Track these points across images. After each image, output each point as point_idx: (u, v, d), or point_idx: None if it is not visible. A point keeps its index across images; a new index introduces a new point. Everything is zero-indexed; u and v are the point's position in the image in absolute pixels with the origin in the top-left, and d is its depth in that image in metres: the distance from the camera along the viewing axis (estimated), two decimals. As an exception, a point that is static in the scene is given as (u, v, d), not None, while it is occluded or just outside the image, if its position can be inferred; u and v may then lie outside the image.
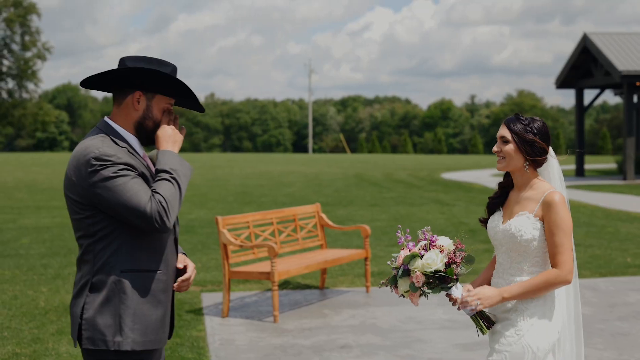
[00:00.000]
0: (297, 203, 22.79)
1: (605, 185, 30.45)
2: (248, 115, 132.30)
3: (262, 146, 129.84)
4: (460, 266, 4.03)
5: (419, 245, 4.08)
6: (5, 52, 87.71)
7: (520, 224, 4.09)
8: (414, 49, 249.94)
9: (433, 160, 65.44)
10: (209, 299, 9.94)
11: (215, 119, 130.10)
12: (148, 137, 3.86)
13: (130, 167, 3.63)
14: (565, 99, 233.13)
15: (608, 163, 56.21)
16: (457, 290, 4.05)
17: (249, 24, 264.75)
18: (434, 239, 4.10)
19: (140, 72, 3.73)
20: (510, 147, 4.17)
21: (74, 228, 3.74)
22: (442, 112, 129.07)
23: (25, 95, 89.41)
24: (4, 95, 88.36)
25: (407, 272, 4.06)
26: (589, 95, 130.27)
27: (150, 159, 3.96)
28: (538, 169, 4.24)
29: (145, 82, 3.78)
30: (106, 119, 3.85)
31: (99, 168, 3.57)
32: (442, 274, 4.00)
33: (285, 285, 10.86)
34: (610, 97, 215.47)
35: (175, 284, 3.90)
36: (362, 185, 31.70)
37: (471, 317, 4.11)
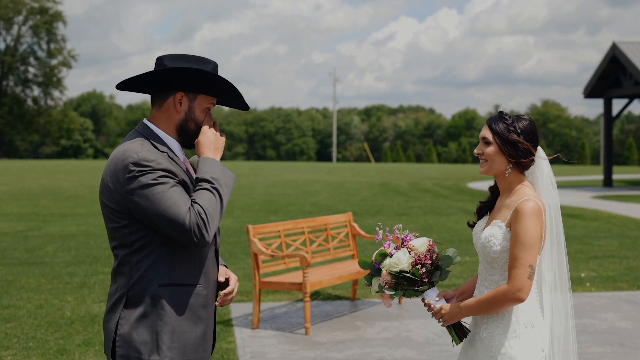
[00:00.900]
0: (324, 212, 22.57)
1: (635, 196, 30.00)
2: (272, 124, 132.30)
3: (286, 155, 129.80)
4: (438, 269, 3.87)
5: (393, 246, 3.93)
6: (31, 59, 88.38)
7: (492, 234, 3.78)
8: (438, 59, 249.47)
9: (458, 170, 65.01)
10: (238, 309, 9.71)
11: (239, 127, 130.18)
12: (190, 141, 3.63)
13: (170, 173, 3.41)
14: (590, 109, 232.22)
15: (636, 174, 55.57)
16: (431, 296, 3.89)
17: (273, 33, 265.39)
18: (407, 238, 3.92)
19: (182, 72, 3.50)
20: (492, 149, 3.84)
21: (110, 237, 3.52)
22: (467, 121, 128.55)
23: (50, 102, 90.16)
24: (30, 102, 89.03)
25: (378, 272, 3.94)
26: (616, 105, 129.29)
27: (191, 165, 3.73)
28: (526, 172, 3.90)
29: (186, 82, 3.54)
30: (146, 121, 3.62)
31: (137, 174, 3.34)
32: (407, 274, 3.82)
33: (315, 296, 10.62)
34: (637, 108, 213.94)
35: (217, 299, 3.66)
36: (388, 195, 31.42)
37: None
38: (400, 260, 3.83)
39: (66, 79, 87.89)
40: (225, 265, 3.85)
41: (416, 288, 3.87)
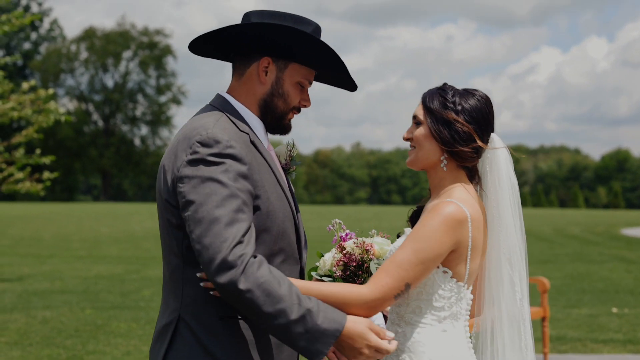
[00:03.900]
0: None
1: None
2: (398, 167, 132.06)
3: (412, 200, 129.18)
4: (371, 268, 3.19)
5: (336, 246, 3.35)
6: (139, 96, 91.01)
7: (398, 247, 3.03)
8: (585, 93, 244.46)
9: (610, 215, 62.90)
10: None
11: (361, 170, 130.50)
12: (276, 123, 3.05)
13: (239, 161, 2.79)
14: None
15: None
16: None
17: (400, 67, 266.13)
18: (346, 236, 3.34)
19: (270, 30, 2.92)
20: (421, 131, 3.08)
21: (162, 242, 2.95)
22: (618, 163, 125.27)
23: (158, 142, 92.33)
24: (137, 142, 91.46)
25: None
26: None
27: (278, 157, 3.17)
28: (468, 167, 3.11)
29: (276, 44, 2.97)
30: (223, 93, 3.07)
31: (198, 162, 2.75)
32: (329, 279, 3.22)
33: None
34: None
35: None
36: (529, 241, 30.09)
37: None
38: (325, 262, 3.29)
39: (176, 117, 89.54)
40: None
41: None
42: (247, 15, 3.04)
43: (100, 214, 49.25)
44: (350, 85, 3.24)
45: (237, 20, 3.13)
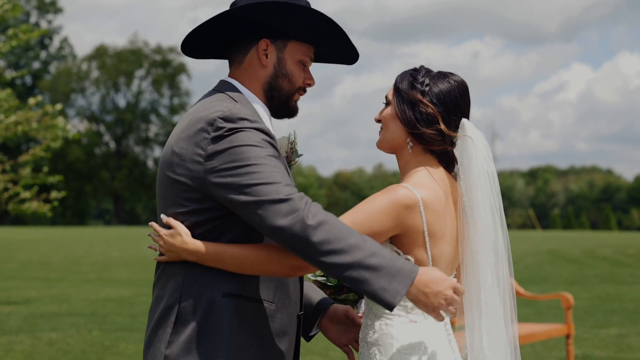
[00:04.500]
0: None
1: None
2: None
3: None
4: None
5: None
6: (152, 116, 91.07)
7: None
8: (617, 111, 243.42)
9: (643, 238, 62.57)
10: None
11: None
12: (283, 105, 3.10)
13: (272, 139, 2.86)
14: None
15: None
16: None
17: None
18: None
19: (264, 10, 2.95)
20: (388, 111, 3.12)
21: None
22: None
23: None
24: (150, 164, 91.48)
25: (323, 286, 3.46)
26: None
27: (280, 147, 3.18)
28: (437, 152, 3.10)
29: (272, 24, 3.00)
30: (227, 78, 3.10)
31: (226, 133, 2.78)
32: (323, 279, 3.42)
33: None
34: None
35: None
36: (557, 262, 30.36)
37: None
38: None
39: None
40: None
41: (342, 296, 3.34)
42: (234, 3, 3.07)
43: (112, 237, 49.39)
44: (351, 56, 3.29)
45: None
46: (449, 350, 3.08)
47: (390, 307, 2.71)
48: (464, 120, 3.14)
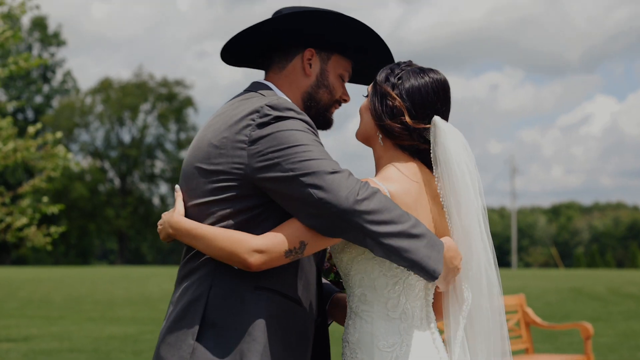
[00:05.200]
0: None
1: None
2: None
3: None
4: None
5: None
6: (157, 151, 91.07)
7: None
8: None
9: (671, 276, 62.31)
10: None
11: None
12: (320, 115, 3.22)
13: (316, 132, 2.97)
14: None
15: None
16: None
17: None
18: None
19: (315, 19, 3.09)
20: (365, 102, 3.21)
21: (191, 215, 3.04)
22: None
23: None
24: (156, 201, 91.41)
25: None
26: None
27: None
28: (408, 148, 3.17)
29: (319, 35, 3.14)
30: (262, 80, 3.20)
31: (272, 120, 2.87)
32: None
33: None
34: None
35: None
36: (580, 299, 30.32)
37: None
38: None
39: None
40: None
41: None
42: (279, 11, 3.19)
43: (116, 276, 49.50)
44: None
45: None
46: (433, 349, 3.12)
47: (435, 275, 2.85)
48: (435, 117, 3.18)
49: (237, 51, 3.27)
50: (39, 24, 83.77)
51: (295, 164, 2.80)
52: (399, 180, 3.08)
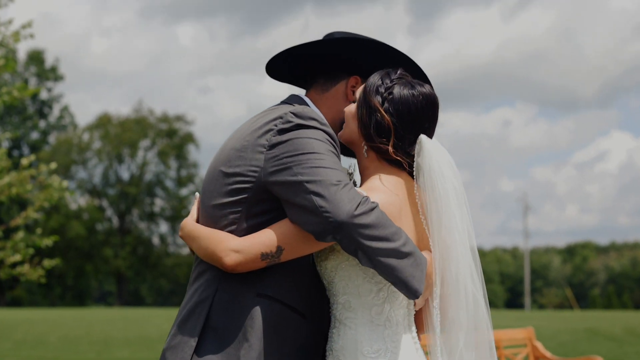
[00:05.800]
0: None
1: None
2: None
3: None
4: None
5: None
6: (157, 189, 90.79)
7: None
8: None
9: (690, 318, 62.07)
10: None
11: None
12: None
13: (337, 144, 3.07)
14: None
15: None
16: None
17: (452, 157, 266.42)
18: None
19: (365, 48, 3.25)
20: (351, 108, 3.27)
21: (208, 216, 3.13)
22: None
23: (179, 241, 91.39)
24: (156, 241, 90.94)
25: None
26: None
27: None
28: (392, 161, 3.24)
29: (364, 64, 3.30)
30: (301, 95, 3.35)
31: (294, 127, 2.99)
32: None
33: None
34: None
35: None
36: (595, 340, 30.25)
37: None
38: None
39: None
40: None
41: None
42: (329, 34, 3.34)
43: (113, 318, 49.39)
44: None
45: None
46: (416, 357, 3.18)
47: (417, 295, 2.92)
48: (421, 136, 3.24)
49: (278, 66, 3.41)
50: (36, 57, 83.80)
51: (305, 169, 2.90)
52: (384, 191, 3.14)
